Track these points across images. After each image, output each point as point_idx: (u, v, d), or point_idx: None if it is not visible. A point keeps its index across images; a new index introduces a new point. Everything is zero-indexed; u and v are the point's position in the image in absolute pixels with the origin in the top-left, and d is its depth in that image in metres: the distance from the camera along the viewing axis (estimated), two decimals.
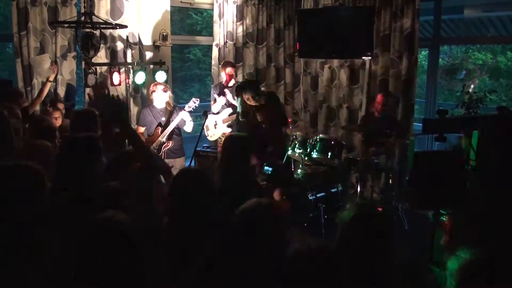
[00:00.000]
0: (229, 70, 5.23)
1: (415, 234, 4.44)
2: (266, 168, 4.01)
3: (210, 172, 2.29)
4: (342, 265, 1.52)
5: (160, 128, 4.76)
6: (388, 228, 1.75)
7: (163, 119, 4.75)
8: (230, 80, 5.27)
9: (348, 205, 1.81)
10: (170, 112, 4.72)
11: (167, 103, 4.74)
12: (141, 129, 4.76)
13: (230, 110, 5.17)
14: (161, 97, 4.71)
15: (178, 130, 4.81)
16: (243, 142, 2.94)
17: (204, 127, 5.29)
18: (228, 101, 5.22)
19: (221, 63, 5.70)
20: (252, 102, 4.41)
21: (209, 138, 5.44)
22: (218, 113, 5.25)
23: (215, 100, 5.30)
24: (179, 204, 2.04)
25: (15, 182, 1.68)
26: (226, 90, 5.22)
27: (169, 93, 4.76)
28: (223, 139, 5.24)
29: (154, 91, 4.68)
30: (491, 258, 1.70)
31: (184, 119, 4.68)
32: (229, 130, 5.16)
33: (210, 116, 5.25)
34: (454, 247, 2.16)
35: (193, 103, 4.66)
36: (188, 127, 4.76)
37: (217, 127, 5.25)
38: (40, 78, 4.66)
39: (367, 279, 1.60)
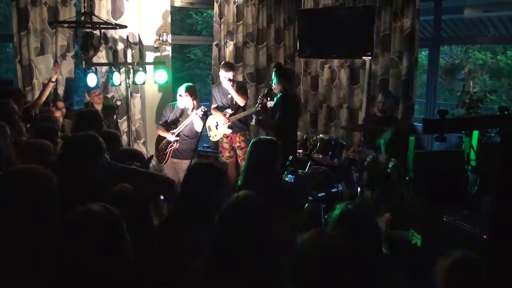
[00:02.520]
0: (230, 74, 5.02)
1: None
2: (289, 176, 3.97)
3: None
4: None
5: (173, 126, 4.82)
6: (371, 226, 1.79)
7: (180, 118, 4.81)
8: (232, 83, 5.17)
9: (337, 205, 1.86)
10: (183, 113, 4.79)
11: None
12: (163, 132, 4.92)
13: (230, 111, 5.16)
14: (179, 101, 4.80)
15: (190, 133, 4.84)
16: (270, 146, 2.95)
17: (207, 127, 5.29)
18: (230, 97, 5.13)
19: (221, 64, 5.64)
20: None
21: (211, 138, 5.41)
22: (225, 110, 5.19)
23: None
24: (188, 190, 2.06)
25: (22, 187, 1.67)
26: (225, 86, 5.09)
27: (183, 99, 4.77)
28: (224, 139, 5.25)
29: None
30: (482, 257, 1.71)
31: (196, 125, 4.73)
32: (230, 131, 5.15)
33: (211, 117, 5.24)
34: None
35: (201, 111, 4.66)
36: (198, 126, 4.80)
37: (218, 127, 5.24)
38: (42, 78, 4.67)
39: (353, 276, 1.61)
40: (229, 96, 5.11)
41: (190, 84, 4.88)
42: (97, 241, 1.42)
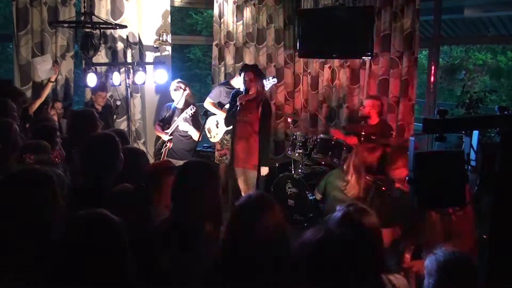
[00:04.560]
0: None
1: None
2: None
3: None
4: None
5: (167, 125, 4.83)
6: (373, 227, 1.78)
7: (176, 118, 4.81)
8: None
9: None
10: (176, 112, 4.80)
11: (186, 102, 4.78)
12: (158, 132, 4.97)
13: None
14: (173, 95, 4.80)
15: (185, 133, 4.84)
16: None
17: (206, 130, 5.20)
18: None
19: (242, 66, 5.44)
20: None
21: (212, 140, 5.26)
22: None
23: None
24: (180, 192, 2.05)
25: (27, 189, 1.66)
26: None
27: (180, 92, 4.78)
28: (229, 141, 5.17)
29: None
30: (471, 257, 1.71)
31: (182, 126, 4.72)
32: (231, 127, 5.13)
33: (209, 119, 5.16)
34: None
35: (190, 110, 4.66)
36: (193, 134, 4.78)
37: (219, 126, 5.20)
38: (41, 78, 4.67)
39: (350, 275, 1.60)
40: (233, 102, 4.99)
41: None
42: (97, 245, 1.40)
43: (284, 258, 1.63)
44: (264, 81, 4.70)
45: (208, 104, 5.17)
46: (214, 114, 5.16)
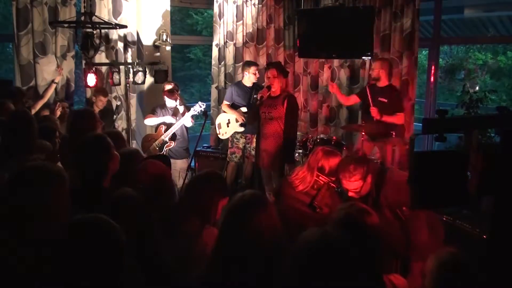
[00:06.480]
0: (253, 69, 5.15)
1: None
2: None
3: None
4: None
5: (164, 126, 4.80)
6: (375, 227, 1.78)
7: (176, 118, 4.81)
8: (257, 79, 5.20)
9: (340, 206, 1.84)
10: (175, 113, 4.78)
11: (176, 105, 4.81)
12: (148, 120, 4.94)
13: (244, 109, 5.12)
14: (167, 100, 4.81)
15: (180, 131, 4.83)
16: None
17: (217, 125, 5.29)
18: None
19: (244, 63, 5.50)
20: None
21: (220, 136, 5.36)
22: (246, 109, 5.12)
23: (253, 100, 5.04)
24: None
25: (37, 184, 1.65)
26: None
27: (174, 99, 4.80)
28: (240, 140, 5.22)
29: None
30: (469, 260, 1.70)
31: (186, 123, 4.73)
32: (242, 129, 5.13)
33: (222, 115, 5.25)
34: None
35: (199, 107, 4.67)
36: (187, 123, 4.81)
37: (230, 125, 5.21)
38: (47, 79, 4.68)
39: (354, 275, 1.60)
40: (255, 96, 4.95)
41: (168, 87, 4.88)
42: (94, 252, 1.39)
43: (276, 259, 1.62)
44: None
45: (224, 106, 5.29)
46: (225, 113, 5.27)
